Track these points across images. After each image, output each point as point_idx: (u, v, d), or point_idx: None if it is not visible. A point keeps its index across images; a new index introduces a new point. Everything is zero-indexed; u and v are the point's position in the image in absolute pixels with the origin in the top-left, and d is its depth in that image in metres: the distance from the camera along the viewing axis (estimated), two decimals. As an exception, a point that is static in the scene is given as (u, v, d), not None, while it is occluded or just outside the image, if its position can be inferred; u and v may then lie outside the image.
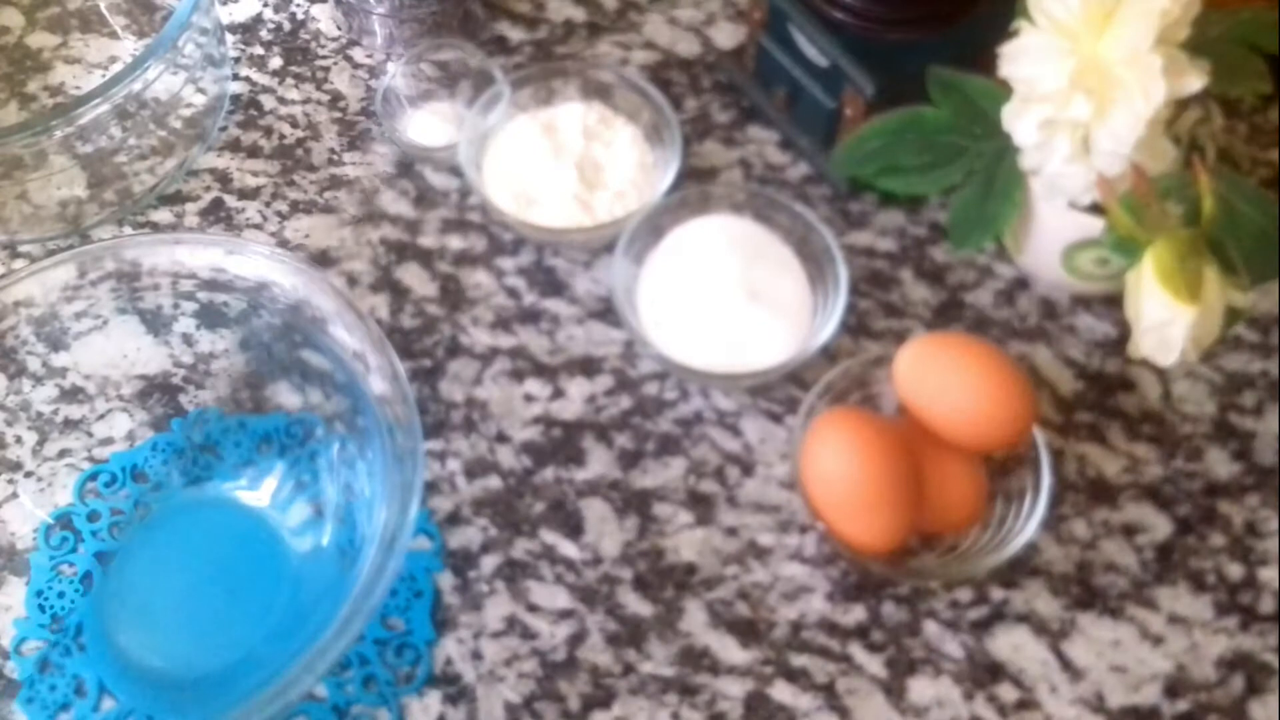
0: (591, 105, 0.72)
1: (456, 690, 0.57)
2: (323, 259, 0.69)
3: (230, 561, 0.59)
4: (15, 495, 0.60)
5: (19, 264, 0.69)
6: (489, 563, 0.60)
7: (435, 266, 0.69)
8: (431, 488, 0.62)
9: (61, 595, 0.59)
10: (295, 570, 0.59)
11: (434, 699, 0.57)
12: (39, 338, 0.60)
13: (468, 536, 0.60)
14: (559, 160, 0.69)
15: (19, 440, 0.61)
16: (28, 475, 0.61)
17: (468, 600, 0.59)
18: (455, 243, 0.70)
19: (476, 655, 0.57)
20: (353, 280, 0.68)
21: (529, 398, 0.65)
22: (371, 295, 0.68)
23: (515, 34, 0.78)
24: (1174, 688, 0.57)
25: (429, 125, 0.72)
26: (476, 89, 0.73)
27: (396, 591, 0.58)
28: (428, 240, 0.70)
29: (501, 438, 0.63)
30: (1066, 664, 0.57)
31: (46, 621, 0.58)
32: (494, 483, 0.62)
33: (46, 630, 0.58)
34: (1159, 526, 0.61)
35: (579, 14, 0.79)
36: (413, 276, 0.69)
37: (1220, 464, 0.63)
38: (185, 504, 0.61)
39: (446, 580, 0.59)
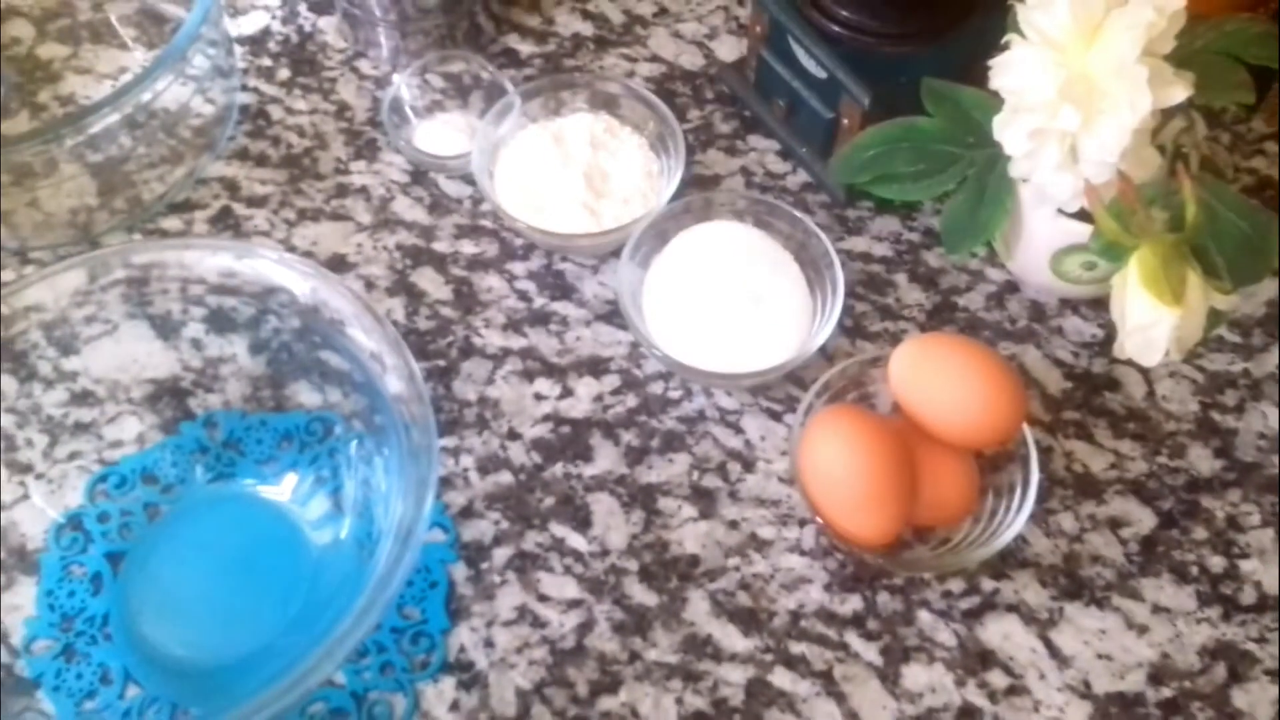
0: (599, 116, 0.73)
1: (470, 677, 0.57)
2: (340, 264, 0.69)
3: (252, 554, 0.60)
4: (26, 496, 0.60)
5: (29, 270, 0.69)
6: (501, 555, 0.60)
7: (449, 271, 0.70)
8: (446, 483, 0.62)
9: (72, 595, 0.59)
10: (315, 562, 0.59)
11: (448, 685, 0.57)
12: (50, 342, 0.60)
13: (480, 529, 0.61)
14: (567, 169, 0.70)
15: (30, 443, 0.61)
16: (39, 477, 0.61)
17: (480, 590, 0.59)
18: (468, 248, 0.70)
19: (489, 643, 0.58)
20: (370, 284, 0.69)
21: (539, 396, 0.65)
22: (388, 298, 0.68)
23: (525, 47, 0.79)
24: (1158, 675, 0.58)
25: (442, 135, 0.73)
26: (488, 100, 0.73)
27: (412, 582, 0.59)
28: (442, 246, 0.70)
29: (512, 435, 0.64)
30: (1054, 652, 0.58)
31: (57, 621, 0.58)
32: (505, 478, 0.63)
33: (56, 629, 0.58)
34: (1143, 520, 0.62)
35: (587, 28, 0.80)
36: (428, 280, 0.69)
37: (1202, 460, 0.63)
38: (208, 499, 0.61)
39: (460, 571, 0.60)
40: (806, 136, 0.72)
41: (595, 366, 0.66)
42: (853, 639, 0.59)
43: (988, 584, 0.60)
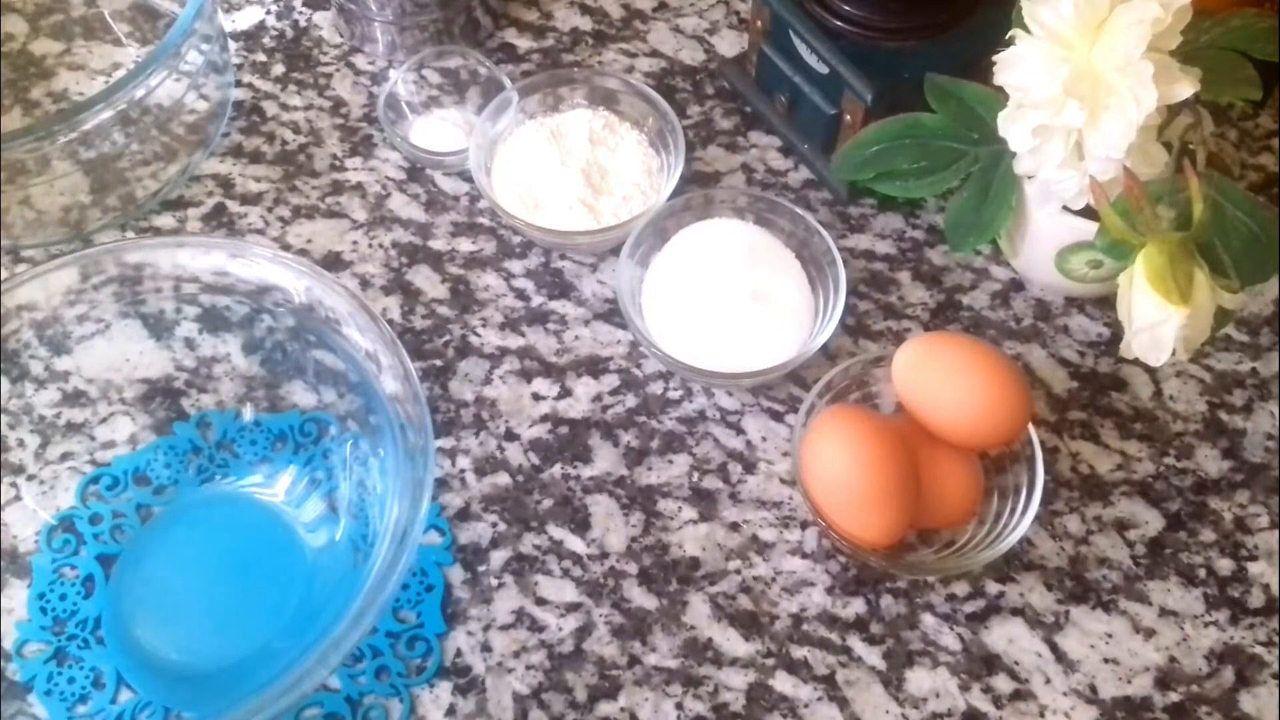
0: (598, 112, 0.73)
1: (466, 681, 0.57)
2: (335, 262, 0.69)
3: (246, 556, 0.60)
4: (18, 498, 0.60)
5: (21, 269, 0.68)
6: (498, 557, 0.60)
7: (446, 269, 0.69)
8: (442, 484, 0.62)
9: (63, 598, 0.59)
10: (310, 565, 0.59)
11: (444, 690, 0.57)
12: (41, 341, 0.59)
13: (477, 532, 0.61)
14: (566, 165, 0.69)
15: (21, 443, 0.61)
16: (30, 478, 0.61)
17: (477, 594, 0.59)
18: (465, 246, 0.70)
19: (486, 647, 0.58)
20: (365, 282, 0.69)
21: (537, 397, 0.65)
22: (384, 297, 0.68)
23: (523, 42, 0.79)
24: (1165, 679, 0.57)
25: (438, 131, 0.73)
26: (485, 96, 0.74)
27: (408, 585, 0.59)
28: (438, 243, 0.70)
29: (510, 436, 0.64)
30: (1060, 656, 0.58)
31: (48, 624, 0.58)
32: (503, 479, 0.62)
33: (48, 633, 0.58)
34: (1150, 522, 0.62)
35: (585, 23, 0.80)
36: (424, 279, 0.69)
37: (1210, 461, 0.63)
38: (202, 500, 0.61)
39: (457, 574, 0.60)
40: (808, 133, 0.72)
41: (594, 366, 0.66)
42: (855, 643, 0.58)
43: (992, 587, 0.60)
